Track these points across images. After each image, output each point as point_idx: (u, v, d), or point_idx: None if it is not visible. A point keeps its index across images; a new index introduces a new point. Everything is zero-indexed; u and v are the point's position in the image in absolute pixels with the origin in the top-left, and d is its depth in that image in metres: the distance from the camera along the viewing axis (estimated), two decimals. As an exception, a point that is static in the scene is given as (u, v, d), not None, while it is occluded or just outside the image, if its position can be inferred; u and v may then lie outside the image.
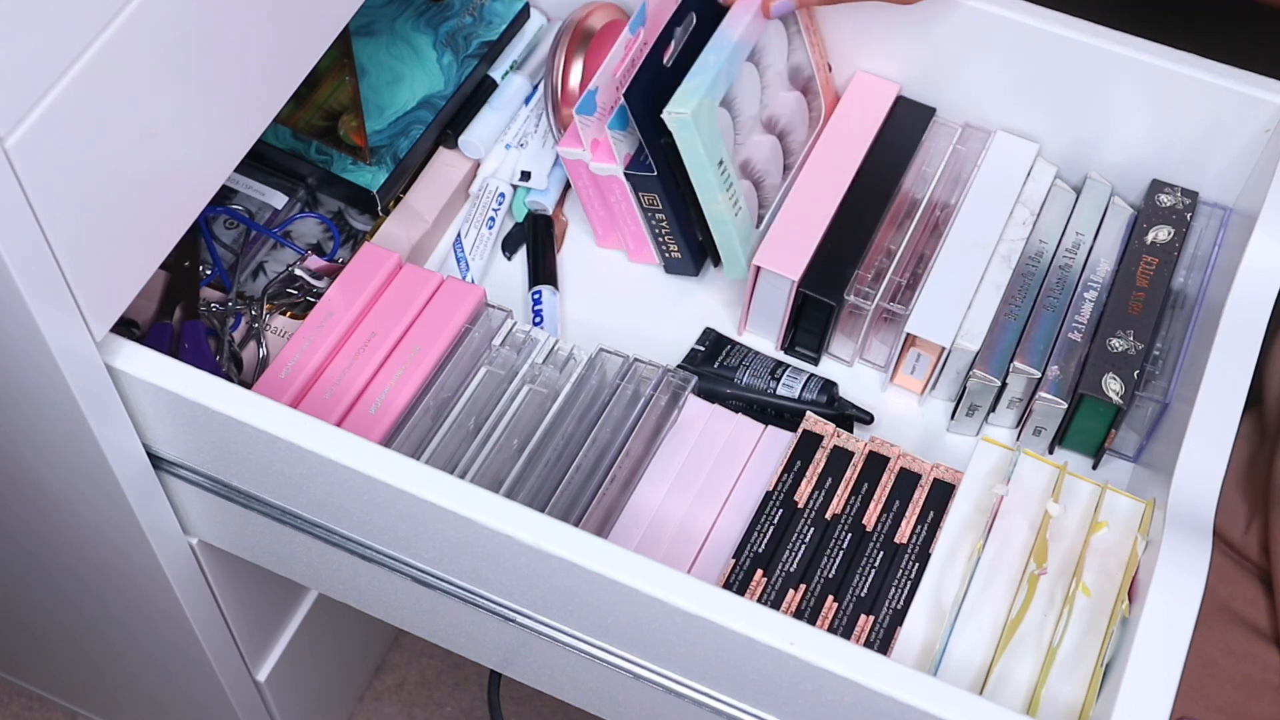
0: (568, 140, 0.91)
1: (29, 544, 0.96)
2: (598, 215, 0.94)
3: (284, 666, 1.09)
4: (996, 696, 0.72)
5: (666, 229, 0.91)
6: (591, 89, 0.87)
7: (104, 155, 0.65)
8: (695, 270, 0.94)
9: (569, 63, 0.95)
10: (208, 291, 0.89)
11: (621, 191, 0.91)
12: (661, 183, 0.88)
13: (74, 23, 0.60)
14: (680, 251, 0.93)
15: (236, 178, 0.94)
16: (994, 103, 0.91)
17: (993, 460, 0.80)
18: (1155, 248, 0.87)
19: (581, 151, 0.90)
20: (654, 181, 0.88)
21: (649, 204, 0.90)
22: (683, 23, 0.88)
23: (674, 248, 0.93)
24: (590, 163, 0.90)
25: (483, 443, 0.81)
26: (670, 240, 0.92)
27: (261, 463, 0.75)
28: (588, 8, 0.97)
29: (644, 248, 0.95)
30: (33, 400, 0.73)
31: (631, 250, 0.96)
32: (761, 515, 0.79)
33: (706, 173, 0.86)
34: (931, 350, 0.87)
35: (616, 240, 0.96)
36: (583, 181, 0.92)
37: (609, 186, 0.91)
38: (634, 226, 0.93)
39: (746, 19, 0.87)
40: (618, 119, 0.88)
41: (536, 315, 0.92)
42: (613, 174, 0.90)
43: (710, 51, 0.86)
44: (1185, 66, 0.85)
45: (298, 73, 0.76)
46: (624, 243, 0.95)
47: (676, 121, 0.84)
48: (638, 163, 0.89)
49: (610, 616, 0.72)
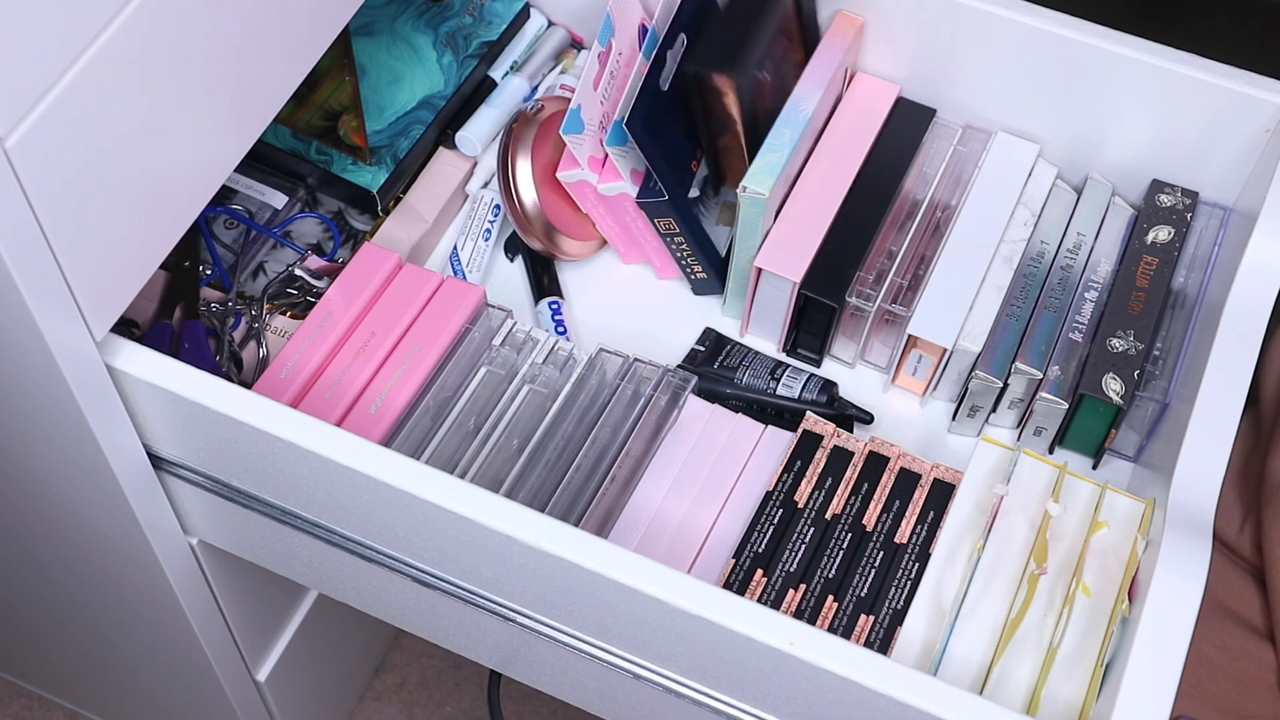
0: (565, 165, 0.90)
1: (29, 544, 0.96)
2: (614, 234, 0.94)
3: (284, 666, 1.09)
4: (996, 696, 0.72)
5: (688, 250, 0.91)
6: (574, 108, 0.86)
7: (104, 155, 0.65)
8: (723, 289, 0.94)
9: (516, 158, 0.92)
10: (208, 291, 0.89)
11: (635, 208, 0.91)
12: (675, 206, 0.88)
13: (74, 23, 0.60)
14: (705, 272, 0.92)
15: (236, 178, 0.94)
16: (995, 103, 0.91)
17: (993, 460, 0.80)
18: (1155, 248, 0.87)
19: (581, 172, 0.89)
20: (667, 206, 0.88)
21: (666, 229, 0.90)
22: (674, 45, 0.87)
23: (698, 269, 0.92)
24: (598, 185, 0.89)
25: (483, 443, 0.81)
26: (694, 261, 0.92)
27: (261, 463, 0.75)
28: (537, 104, 0.95)
29: (669, 264, 0.94)
30: (33, 400, 0.73)
31: (658, 268, 0.95)
32: (761, 515, 0.79)
33: (754, 238, 0.87)
34: (933, 351, 0.87)
35: (640, 256, 0.95)
36: (590, 203, 0.92)
37: (620, 205, 0.91)
38: (655, 243, 0.93)
39: (820, 93, 0.87)
40: (615, 136, 0.87)
41: (559, 326, 0.91)
42: (623, 191, 0.89)
43: (784, 126, 0.87)
44: (1185, 66, 0.85)
45: (298, 73, 0.76)
46: (649, 258, 0.95)
47: (751, 200, 0.84)
48: (648, 189, 0.88)
49: (610, 616, 0.72)
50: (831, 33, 0.91)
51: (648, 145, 0.86)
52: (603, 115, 0.88)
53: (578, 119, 0.87)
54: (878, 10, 0.90)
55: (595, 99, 0.87)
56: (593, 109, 0.87)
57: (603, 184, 0.89)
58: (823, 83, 0.88)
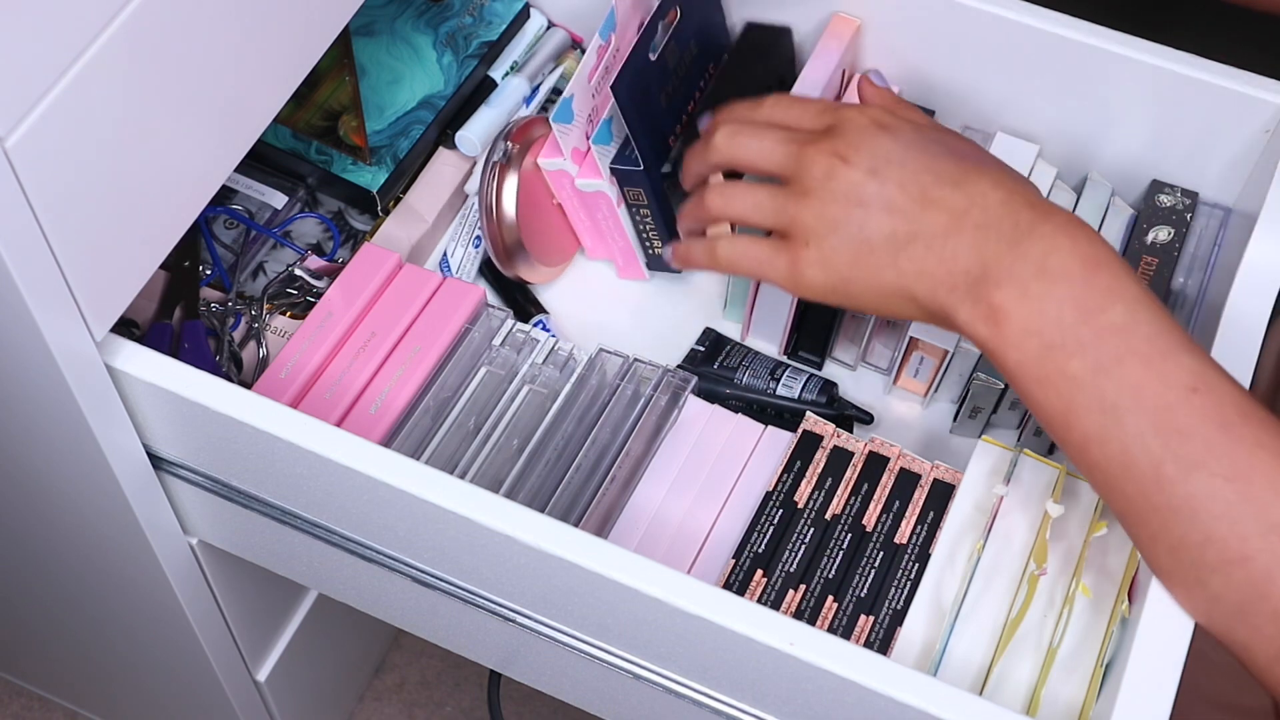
0: (548, 151, 0.90)
1: (29, 544, 0.96)
2: (584, 227, 0.94)
3: (284, 666, 1.10)
4: (996, 697, 0.72)
5: (651, 224, 0.90)
6: (567, 97, 0.86)
7: (104, 155, 0.65)
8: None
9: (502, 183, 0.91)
10: (208, 291, 0.89)
11: (609, 208, 0.90)
12: (648, 177, 0.88)
13: (74, 23, 0.60)
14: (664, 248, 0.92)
15: (236, 178, 0.94)
16: (993, 104, 0.91)
17: (993, 460, 0.80)
18: (1155, 248, 0.87)
19: (563, 161, 0.89)
20: (640, 176, 0.88)
21: (634, 199, 0.89)
22: (666, 15, 0.87)
23: (658, 244, 0.92)
24: (576, 179, 0.89)
25: (483, 443, 0.81)
26: (655, 236, 0.91)
27: (261, 463, 0.75)
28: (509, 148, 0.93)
29: (633, 263, 0.94)
30: (33, 400, 0.73)
31: (620, 267, 0.95)
32: (761, 515, 0.80)
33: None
34: (934, 353, 0.87)
35: (606, 252, 0.96)
36: (566, 194, 0.92)
37: (595, 202, 0.91)
38: (622, 242, 0.93)
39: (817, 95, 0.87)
40: (602, 133, 0.87)
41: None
42: (600, 189, 0.89)
43: None
44: (1185, 66, 0.85)
45: (298, 73, 0.76)
46: (613, 256, 0.95)
47: None
48: (623, 156, 0.88)
49: (610, 617, 0.72)
50: (828, 34, 0.91)
51: (630, 112, 0.85)
52: (592, 109, 0.88)
53: (568, 108, 0.87)
54: (875, 11, 0.90)
55: (588, 91, 0.87)
56: (584, 101, 0.88)
57: (580, 179, 0.89)
58: (820, 84, 0.88)
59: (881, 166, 0.72)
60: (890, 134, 0.73)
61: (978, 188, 0.70)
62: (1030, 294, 0.67)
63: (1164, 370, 0.65)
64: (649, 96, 0.87)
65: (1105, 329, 0.66)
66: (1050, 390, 0.67)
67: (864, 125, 0.74)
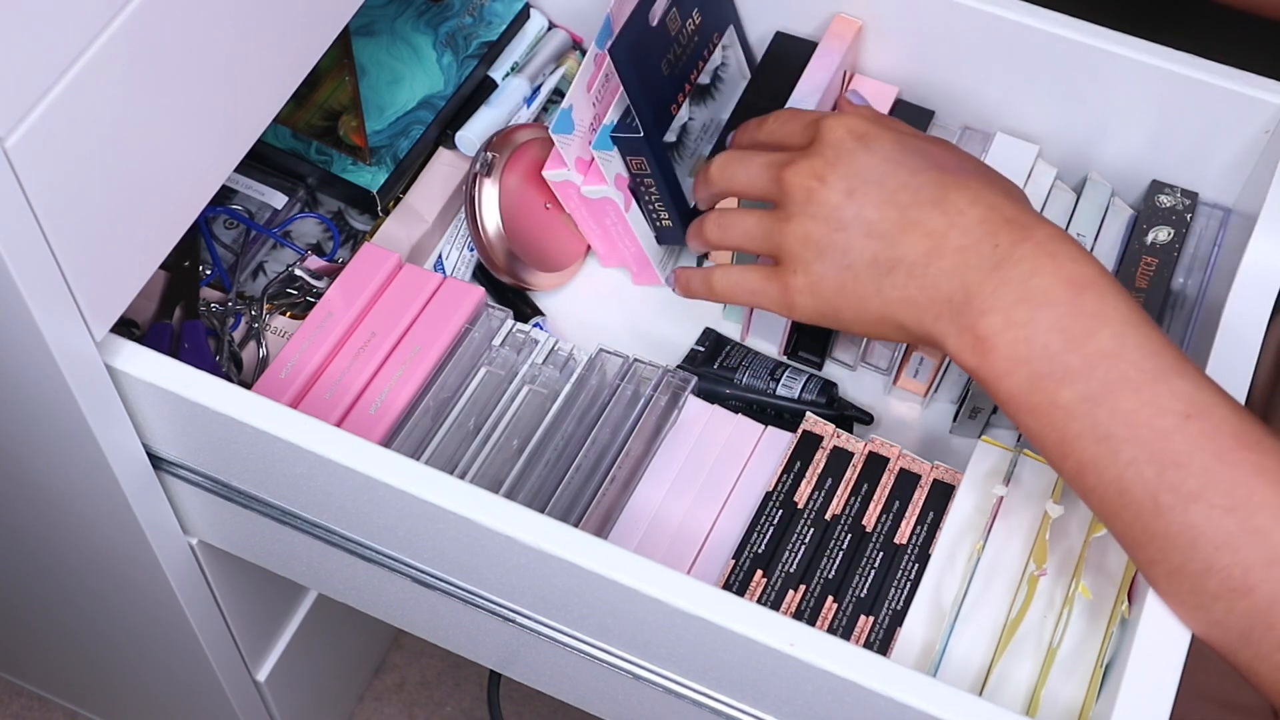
0: (551, 164, 0.90)
1: (29, 544, 0.96)
2: (595, 236, 0.93)
3: (284, 666, 1.10)
4: (996, 697, 0.72)
5: (656, 194, 0.89)
6: (565, 107, 0.86)
7: (104, 155, 0.65)
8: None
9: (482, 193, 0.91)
10: (208, 291, 0.89)
11: (616, 214, 0.90)
12: (650, 144, 0.86)
13: (74, 23, 0.60)
14: (672, 219, 0.91)
15: (236, 178, 0.94)
16: (993, 104, 0.91)
17: (992, 460, 0.80)
18: (1155, 249, 0.87)
19: (567, 172, 0.89)
20: (641, 143, 0.86)
21: (637, 168, 0.88)
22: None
23: (665, 216, 0.91)
24: (582, 186, 0.89)
25: (483, 443, 0.81)
26: (660, 207, 0.90)
27: (261, 463, 0.75)
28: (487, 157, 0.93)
29: (647, 269, 0.94)
30: (33, 400, 0.73)
31: (635, 274, 0.95)
32: (761, 516, 0.80)
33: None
34: (934, 354, 0.87)
35: (619, 260, 0.95)
36: (574, 204, 0.91)
37: (602, 209, 0.91)
38: (634, 249, 0.93)
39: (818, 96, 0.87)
40: (603, 140, 0.87)
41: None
42: (606, 195, 0.89)
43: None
44: (1185, 66, 0.85)
45: (298, 73, 0.76)
46: (626, 263, 0.95)
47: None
48: (624, 125, 0.87)
49: (610, 617, 0.72)
50: (829, 35, 0.91)
51: (629, 76, 0.84)
52: (593, 118, 0.88)
53: (568, 119, 0.86)
54: (876, 12, 0.90)
55: (588, 101, 0.87)
56: (584, 110, 0.87)
57: (586, 185, 0.89)
58: (821, 85, 0.88)
59: (858, 186, 0.72)
60: (868, 147, 0.73)
61: (955, 205, 0.70)
62: (1015, 321, 0.67)
63: (1156, 396, 0.64)
64: (649, 62, 0.85)
65: (1094, 355, 0.65)
66: (1043, 419, 0.67)
67: (841, 139, 0.74)
